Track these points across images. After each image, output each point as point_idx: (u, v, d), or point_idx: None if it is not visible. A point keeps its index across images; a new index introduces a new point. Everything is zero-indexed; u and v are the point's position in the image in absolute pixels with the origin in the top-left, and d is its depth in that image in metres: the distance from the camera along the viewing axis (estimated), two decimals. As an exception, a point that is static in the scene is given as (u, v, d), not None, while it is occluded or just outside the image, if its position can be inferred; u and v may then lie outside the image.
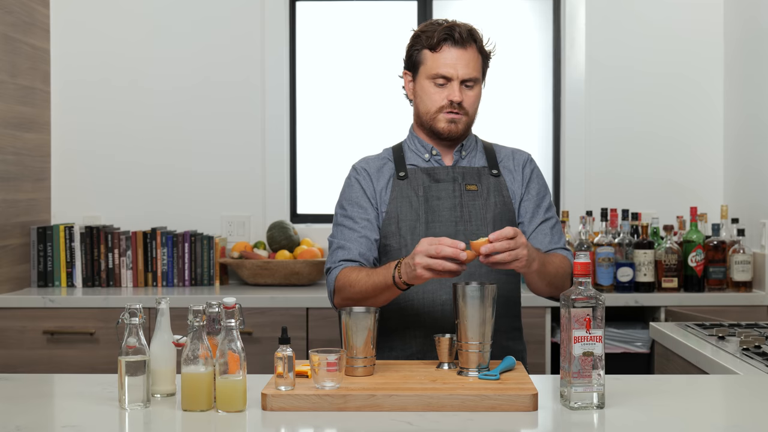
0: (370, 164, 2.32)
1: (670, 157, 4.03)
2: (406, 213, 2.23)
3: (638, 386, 1.94)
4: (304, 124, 4.20)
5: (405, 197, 2.25)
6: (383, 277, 2.05)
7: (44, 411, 1.81)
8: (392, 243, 2.24)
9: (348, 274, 2.16)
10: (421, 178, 2.27)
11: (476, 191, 2.26)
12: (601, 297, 1.72)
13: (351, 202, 2.28)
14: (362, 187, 2.28)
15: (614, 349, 3.45)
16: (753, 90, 3.73)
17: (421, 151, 2.31)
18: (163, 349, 1.82)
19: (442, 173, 2.27)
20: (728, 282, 3.62)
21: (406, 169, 2.28)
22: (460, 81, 2.22)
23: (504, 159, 2.34)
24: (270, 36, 4.06)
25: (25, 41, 3.79)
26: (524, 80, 4.21)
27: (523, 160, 2.35)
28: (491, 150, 2.36)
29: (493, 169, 2.30)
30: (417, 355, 2.22)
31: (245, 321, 1.79)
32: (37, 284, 3.80)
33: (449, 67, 2.21)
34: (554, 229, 2.31)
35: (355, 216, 2.25)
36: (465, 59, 2.23)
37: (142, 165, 4.06)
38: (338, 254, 2.23)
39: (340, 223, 2.27)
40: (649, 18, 4.04)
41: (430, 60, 2.23)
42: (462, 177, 2.27)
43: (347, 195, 2.30)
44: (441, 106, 2.23)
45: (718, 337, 2.50)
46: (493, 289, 1.93)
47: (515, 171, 2.32)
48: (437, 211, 2.24)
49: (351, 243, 2.22)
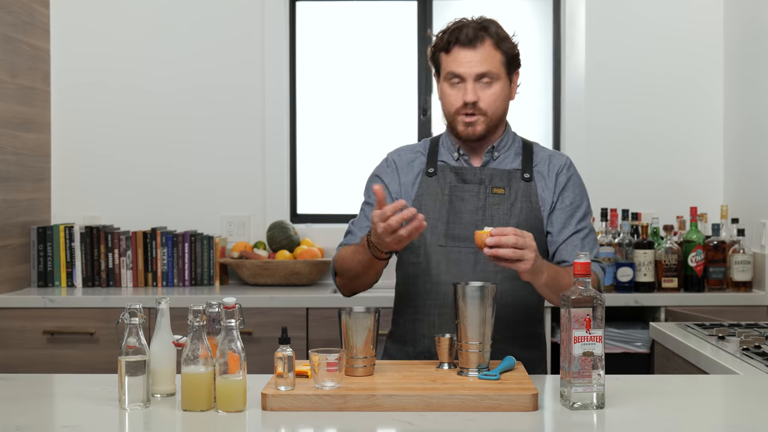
0: (401, 156, 2.32)
1: (671, 157, 4.03)
2: (429, 211, 2.20)
3: (638, 386, 1.94)
4: (304, 125, 4.20)
5: (432, 194, 2.23)
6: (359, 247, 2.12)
7: (44, 411, 1.81)
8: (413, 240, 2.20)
9: (341, 254, 2.24)
10: (450, 176, 2.24)
11: (503, 195, 2.21)
12: (601, 297, 1.72)
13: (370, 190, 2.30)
14: (384, 180, 2.28)
15: (614, 349, 3.45)
16: (753, 90, 3.73)
17: (451, 150, 2.28)
18: (163, 349, 1.81)
19: (469, 174, 2.23)
20: (728, 282, 3.62)
21: (436, 166, 2.26)
22: (474, 79, 2.18)
23: (539, 163, 2.27)
24: (270, 36, 4.06)
25: (25, 41, 3.79)
26: (524, 80, 4.18)
27: (559, 166, 2.26)
28: (529, 151, 2.28)
29: (525, 173, 2.23)
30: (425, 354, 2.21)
31: (245, 321, 1.79)
32: (37, 284, 3.80)
33: (460, 66, 2.19)
34: (585, 240, 2.24)
35: (372, 202, 2.27)
36: (477, 58, 2.20)
37: (142, 165, 4.06)
38: (346, 239, 2.29)
39: (361, 209, 2.32)
40: (650, 18, 4.04)
41: (444, 61, 2.23)
42: (489, 179, 2.22)
43: (370, 183, 2.32)
44: (457, 108, 2.19)
45: (718, 337, 2.50)
46: (493, 289, 1.93)
47: (548, 177, 2.25)
48: (459, 213, 2.20)
49: (360, 230, 2.26)
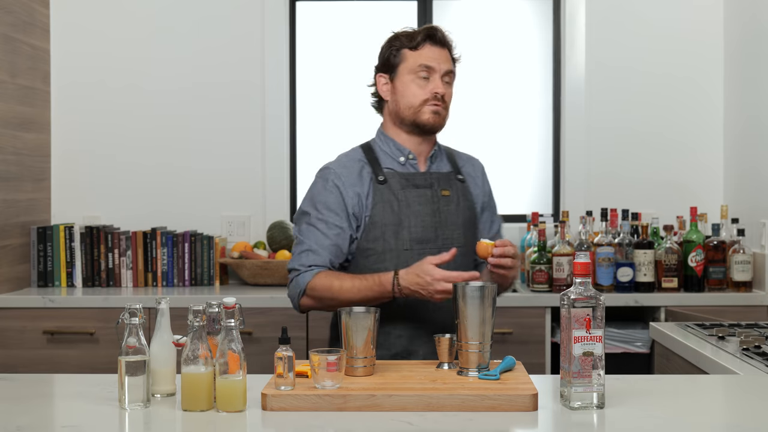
0: (348, 168, 2.32)
1: (671, 156, 4.04)
2: (389, 218, 2.28)
3: (638, 386, 1.94)
4: (304, 124, 4.20)
5: (386, 202, 2.29)
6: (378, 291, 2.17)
7: (44, 411, 1.81)
8: (376, 247, 2.27)
9: (325, 279, 2.23)
10: (400, 182, 2.31)
11: (449, 197, 2.36)
12: (601, 297, 1.72)
13: (327, 206, 2.29)
14: (341, 193, 2.29)
15: (614, 349, 3.45)
16: (753, 90, 3.73)
17: (396, 155, 2.35)
18: (163, 349, 1.82)
19: (419, 179, 2.34)
20: (728, 282, 3.62)
21: (384, 173, 2.32)
22: (441, 74, 2.32)
23: (464, 165, 2.47)
24: (270, 36, 4.06)
25: (25, 41, 3.79)
26: (524, 80, 4.21)
27: (480, 168, 2.51)
28: (452, 155, 2.48)
29: (458, 175, 2.42)
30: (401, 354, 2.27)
31: (245, 321, 1.79)
32: (37, 284, 3.80)
33: (432, 60, 2.31)
34: (500, 231, 2.51)
35: (330, 221, 2.27)
36: (444, 56, 2.34)
37: (142, 165, 4.06)
38: (309, 257, 2.26)
39: (312, 224, 2.29)
40: (650, 18, 4.04)
41: (412, 57, 2.31)
42: (437, 182, 2.36)
43: (323, 198, 2.30)
44: (425, 99, 2.30)
45: (718, 337, 2.50)
46: (493, 289, 1.93)
47: (476, 177, 2.47)
48: (419, 217, 2.29)
49: (323, 249, 2.26)
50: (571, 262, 3.52)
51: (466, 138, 4.18)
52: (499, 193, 4.15)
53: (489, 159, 4.19)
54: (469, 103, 4.20)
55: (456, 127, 4.20)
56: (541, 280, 3.57)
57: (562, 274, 3.55)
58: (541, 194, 4.19)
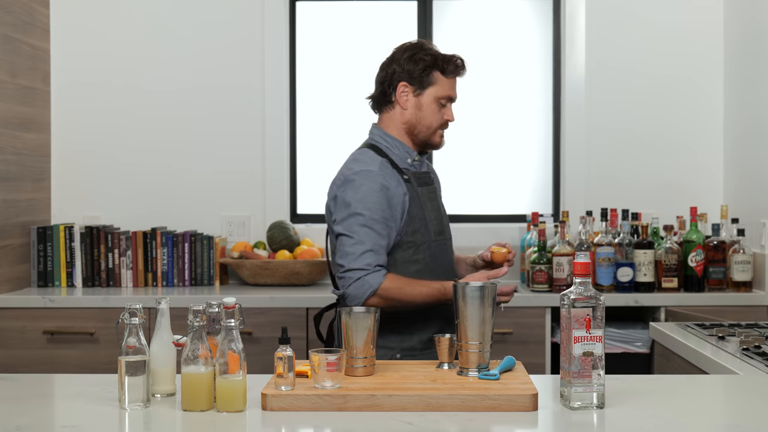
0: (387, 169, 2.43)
1: (671, 157, 4.03)
2: (418, 212, 2.46)
3: (638, 386, 1.94)
4: (304, 124, 4.20)
5: (414, 198, 2.46)
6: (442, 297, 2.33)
7: (44, 411, 1.81)
8: (415, 239, 2.43)
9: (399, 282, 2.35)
10: (417, 181, 2.50)
11: (439, 192, 2.63)
12: (601, 297, 1.72)
13: (381, 207, 2.37)
14: (392, 194, 2.40)
15: (614, 349, 3.45)
16: (753, 90, 3.73)
17: (405, 157, 2.50)
18: (163, 349, 1.82)
19: (426, 177, 2.55)
20: (728, 282, 3.62)
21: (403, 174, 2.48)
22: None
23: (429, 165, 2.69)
24: (270, 36, 4.06)
25: (25, 41, 3.79)
26: (524, 80, 4.21)
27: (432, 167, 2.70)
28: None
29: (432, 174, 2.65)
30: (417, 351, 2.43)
31: (245, 321, 1.79)
32: (37, 284, 3.80)
33: (455, 92, 2.55)
34: None
35: (384, 224, 2.38)
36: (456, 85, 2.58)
37: (143, 165, 4.06)
38: (372, 257, 2.34)
39: (367, 225, 2.34)
40: (650, 18, 4.04)
41: (441, 83, 2.50)
42: (435, 180, 2.62)
43: (375, 198, 2.37)
44: (441, 123, 2.52)
45: (718, 337, 2.50)
46: (492, 289, 1.93)
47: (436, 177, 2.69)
48: (433, 211, 2.51)
49: (382, 249, 2.37)
50: (571, 262, 3.52)
51: (466, 138, 4.19)
52: (499, 193, 4.21)
53: (489, 159, 4.22)
54: (469, 103, 4.20)
55: (456, 127, 4.21)
56: (541, 280, 3.57)
57: (562, 274, 3.55)
58: (541, 194, 4.19)
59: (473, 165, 4.19)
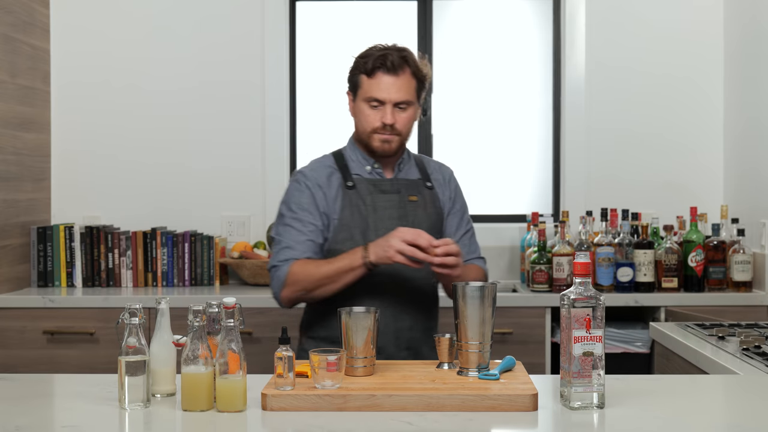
0: (319, 173, 2.45)
1: (671, 157, 4.04)
2: (357, 221, 2.39)
3: (638, 386, 1.94)
4: (304, 124, 4.20)
5: (354, 206, 2.39)
6: (348, 260, 2.26)
7: (44, 411, 1.81)
8: (344, 248, 2.35)
9: (303, 265, 2.32)
10: (368, 188, 2.43)
11: (417, 202, 2.46)
12: (601, 297, 1.72)
13: (300, 206, 2.40)
14: (312, 194, 2.41)
15: (614, 349, 3.45)
16: (753, 90, 3.73)
17: (363, 163, 2.47)
18: (163, 349, 1.82)
19: (386, 185, 2.44)
20: (728, 282, 3.62)
21: (353, 179, 2.43)
22: (392, 104, 2.38)
23: (434, 172, 2.55)
24: (270, 36, 4.06)
25: (25, 41, 3.79)
26: (524, 80, 4.21)
27: (449, 175, 2.58)
28: (421, 163, 2.56)
29: (427, 182, 2.51)
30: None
31: (245, 321, 1.79)
32: (37, 284, 3.80)
33: (382, 92, 2.37)
34: (472, 239, 2.55)
35: (304, 219, 2.38)
36: (397, 85, 2.37)
37: (142, 165, 4.06)
38: (286, 253, 2.36)
39: (288, 224, 2.40)
40: (650, 18, 4.04)
41: (366, 84, 2.40)
42: (405, 188, 2.46)
43: (297, 199, 2.42)
44: (375, 127, 2.40)
45: (718, 337, 2.50)
46: (492, 289, 1.93)
47: (444, 185, 2.54)
48: (385, 220, 2.40)
49: (299, 245, 2.36)
50: (571, 262, 3.52)
51: (466, 138, 4.19)
52: (499, 193, 4.21)
53: (489, 159, 4.22)
54: (469, 103, 4.20)
55: (456, 127, 4.22)
56: (541, 280, 3.57)
57: (562, 274, 3.55)
58: (541, 194, 4.19)
59: (473, 165, 4.19)
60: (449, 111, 4.18)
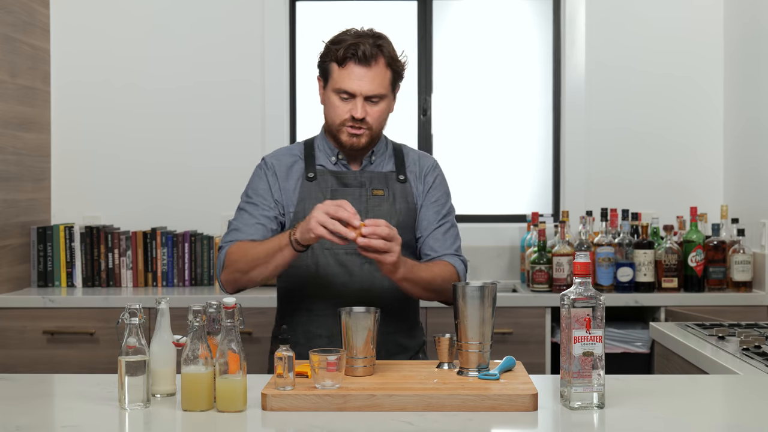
0: (281, 161, 2.36)
1: (670, 157, 4.04)
2: None
3: (638, 386, 1.94)
4: (304, 124, 4.20)
5: (313, 198, 2.27)
6: (277, 240, 2.12)
7: (44, 411, 1.81)
8: None
9: (239, 246, 2.21)
10: (330, 180, 2.31)
11: (383, 196, 2.31)
12: (601, 297, 1.72)
13: (256, 192, 2.33)
14: (269, 182, 2.32)
15: (614, 349, 3.45)
16: (753, 90, 3.73)
17: (329, 154, 2.34)
18: (163, 349, 1.81)
19: (349, 177, 2.31)
20: (728, 282, 3.62)
21: (315, 170, 2.32)
22: (363, 97, 2.22)
23: (411, 164, 2.38)
24: (270, 36, 4.06)
25: (25, 41, 3.79)
26: (524, 80, 4.21)
27: (428, 167, 2.39)
28: (400, 154, 2.39)
29: (400, 175, 2.34)
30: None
31: (245, 321, 1.79)
32: (37, 284, 3.80)
33: (353, 84, 2.21)
34: (447, 234, 2.34)
35: (259, 204, 2.30)
36: (369, 76, 2.22)
37: (142, 165, 4.06)
38: (232, 235, 2.28)
39: (241, 208, 2.33)
40: (650, 18, 4.04)
41: (336, 74, 2.23)
42: (369, 182, 2.31)
43: (254, 185, 2.35)
44: (344, 119, 2.24)
45: (718, 337, 2.50)
46: (492, 289, 1.93)
47: (419, 178, 2.37)
48: None
49: (247, 227, 2.27)
50: (571, 262, 3.52)
51: (466, 138, 4.19)
52: (499, 193, 4.21)
53: (489, 159, 4.22)
54: (469, 103, 4.20)
55: (456, 128, 4.22)
56: (541, 280, 3.57)
57: (562, 274, 3.55)
58: (541, 194, 4.19)
59: (473, 165, 4.20)
60: (449, 111, 4.18)
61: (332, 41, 2.27)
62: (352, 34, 2.25)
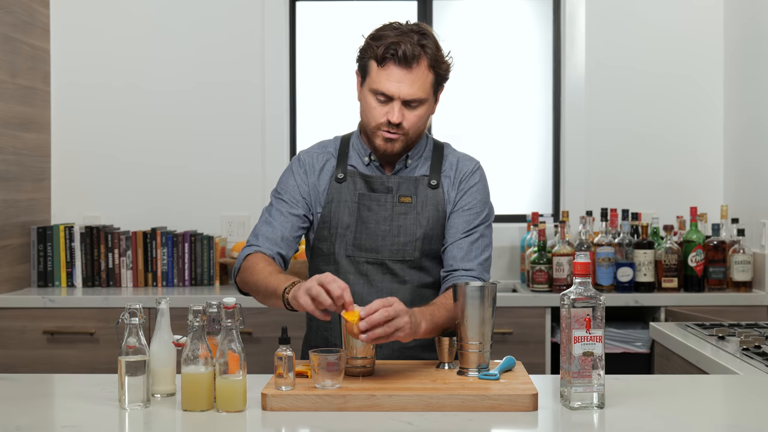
0: (314, 158, 2.24)
1: (670, 157, 4.04)
2: (339, 219, 2.18)
3: (638, 386, 1.94)
4: (304, 124, 4.20)
5: (341, 201, 2.19)
6: (276, 283, 1.99)
7: (44, 411, 1.81)
8: (323, 248, 2.21)
9: (256, 262, 2.10)
10: (359, 183, 2.20)
11: (410, 204, 2.18)
12: (601, 297, 1.72)
13: (286, 189, 2.23)
14: (298, 181, 2.22)
15: (614, 349, 3.45)
16: (753, 90, 3.73)
17: (362, 154, 2.23)
18: (163, 349, 1.82)
19: (377, 182, 2.19)
20: (728, 282, 3.62)
21: (346, 171, 2.21)
22: (402, 101, 2.10)
23: (447, 168, 2.26)
24: (270, 36, 4.06)
25: (25, 41, 3.79)
26: (524, 80, 4.21)
27: (464, 172, 2.27)
28: (439, 156, 2.27)
29: (432, 180, 2.21)
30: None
31: (245, 321, 1.79)
32: (37, 284, 3.80)
33: (391, 87, 2.09)
34: (474, 244, 2.19)
35: (288, 201, 2.21)
36: (409, 79, 2.09)
37: (142, 165, 4.06)
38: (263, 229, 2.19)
39: (272, 203, 2.24)
40: (650, 18, 4.04)
41: (375, 74, 2.11)
42: (397, 188, 2.19)
43: (284, 182, 2.24)
44: (380, 123, 2.12)
45: (718, 337, 2.50)
46: (492, 289, 1.93)
47: (455, 182, 2.24)
48: (367, 223, 2.18)
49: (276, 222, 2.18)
50: (571, 262, 3.52)
51: (466, 138, 4.19)
52: (499, 194, 4.21)
53: (489, 159, 4.21)
54: (469, 103, 4.20)
55: (456, 127, 4.22)
56: (541, 280, 3.57)
57: (562, 274, 3.55)
58: (541, 194, 4.19)
59: (473, 165, 4.19)
60: (449, 111, 4.18)
61: (372, 37, 2.15)
62: (393, 29, 2.13)
